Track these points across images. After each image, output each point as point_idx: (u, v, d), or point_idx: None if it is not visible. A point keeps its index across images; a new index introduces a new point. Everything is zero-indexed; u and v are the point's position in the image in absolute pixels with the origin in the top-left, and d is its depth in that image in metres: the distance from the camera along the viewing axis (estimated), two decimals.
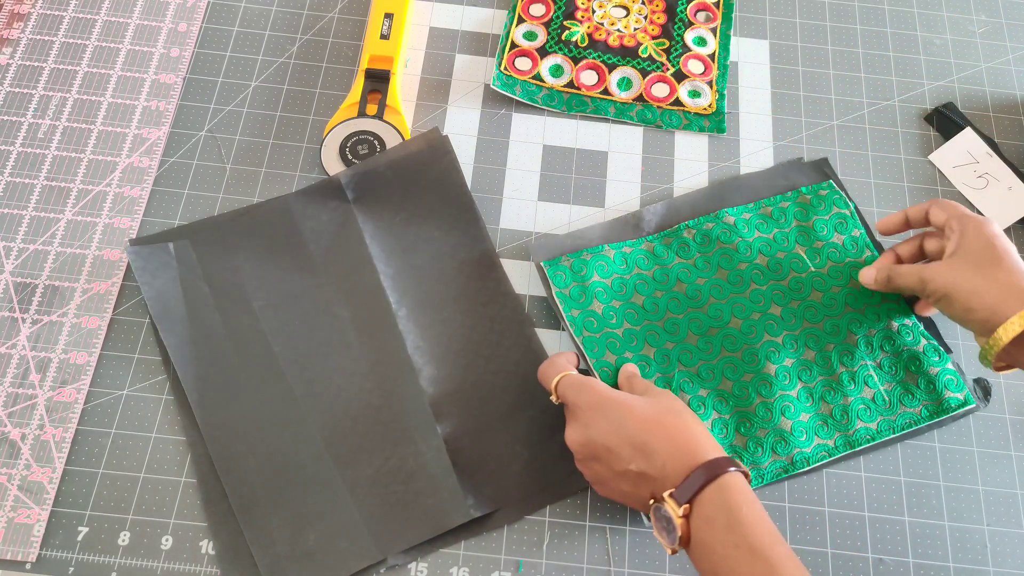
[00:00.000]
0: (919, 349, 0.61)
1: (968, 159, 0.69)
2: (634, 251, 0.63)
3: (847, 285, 0.62)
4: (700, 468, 0.47)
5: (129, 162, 0.66)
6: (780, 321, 0.61)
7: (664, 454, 0.49)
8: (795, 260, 0.63)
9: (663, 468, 0.49)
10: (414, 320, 0.61)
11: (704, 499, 0.47)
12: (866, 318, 0.61)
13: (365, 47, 0.70)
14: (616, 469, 0.51)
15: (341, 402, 0.59)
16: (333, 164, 0.66)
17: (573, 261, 0.62)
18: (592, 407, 0.52)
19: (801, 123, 0.71)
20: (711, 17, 0.75)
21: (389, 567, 0.55)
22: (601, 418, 0.52)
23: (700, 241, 0.64)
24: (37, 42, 0.71)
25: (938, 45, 0.75)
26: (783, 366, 0.60)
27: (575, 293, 0.61)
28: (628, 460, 0.50)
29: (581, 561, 0.56)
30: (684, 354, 0.60)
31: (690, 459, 0.48)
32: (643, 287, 0.62)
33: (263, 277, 0.62)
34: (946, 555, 0.57)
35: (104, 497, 0.56)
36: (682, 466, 0.48)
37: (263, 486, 0.56)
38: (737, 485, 0.47)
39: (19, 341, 0.60)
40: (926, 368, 0.60)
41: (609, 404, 0.52)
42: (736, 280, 0.62)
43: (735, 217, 0.65)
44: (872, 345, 0.61)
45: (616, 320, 0.61)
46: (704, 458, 0.48)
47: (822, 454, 0.58)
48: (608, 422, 0.51)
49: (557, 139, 0.70)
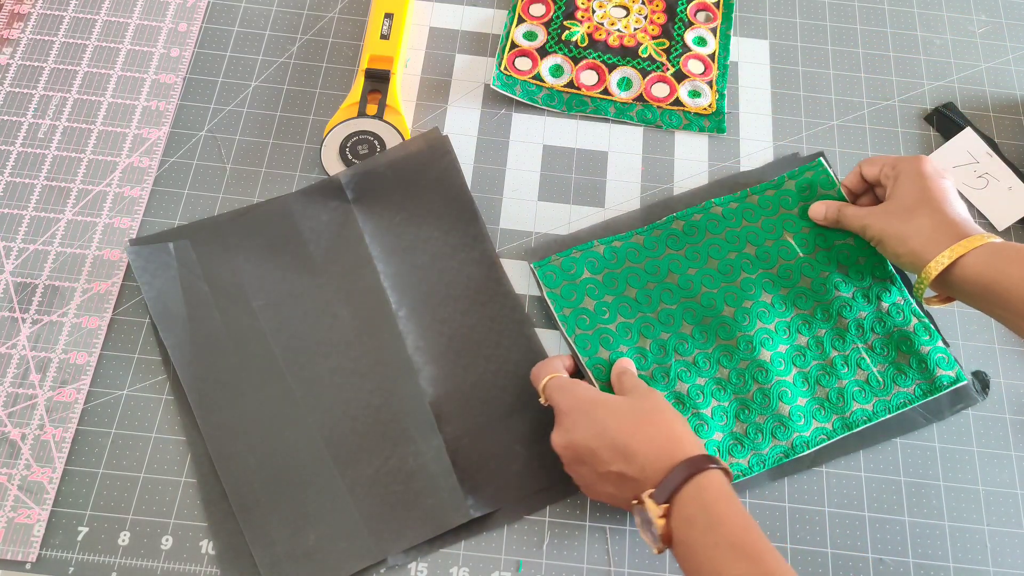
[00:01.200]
0: (909, 329, 0.61)
1: (968, 159, 0.69)
2: (624, 245, 0.64)
3: (836, 270, 0.62)
4: (678, 467, 0.47)
5: (129, 162, 0.66)
6: (772, 308, 0.62)
7: (643, 455, 0.49)
8: (783, 247, 0.63)
9: (643, 469, 0.49)
10: (414, 320, 0.61)
11: (682, 499, 0.47)
12: (856, 301, 0.62)
13: (365, 47, 0.70)
14: (599, 471, 0.51)
15: (341, 402, 0.59)
16: (333, 164, 0.66)
17: (563, 260, 0.63)
18: (574, 410, 0.52)
19: (801, 123, 0.71)
20: (711, 17, 0.75)
21: (389, 567, 0.55)
22: (583, 420, 0.52)
23: (689, 232, 0.64)
24: (37, 42, 0.71)
25: (938, 45, 0.75)
26: (777, 352, 0.60)
27: (566, 292, 0.62)
28: (609, 462, 0.50)
29: (581, 561, 0.56)
30: (680, 344, 0.61)
31: (668, 459, 0.48)
32: (635, 280, 0.62)
33: (263, 277, 0.62)
34: (946, 555, 0.57)
35: (104, 497, 0.56)
36: (661, 466, 0.48)
37: (263, 486, 0.56)
38: (715, 483, 0.47)
39: (19, 341, 0.60)
40: (917, 347, 0.60)
41: (591, 406, 0.52)
42: (726, 269, 0.63)
43: (722, 207, 0.65)
44: (863, 328, 0.61)
45: (609, 315, 0.61)
46: (683, 456, 0.48)
47: (821, 437, 0.58)
48: (589, 424, 0.51)
49: (557, 139, 0.70)
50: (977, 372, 0.62)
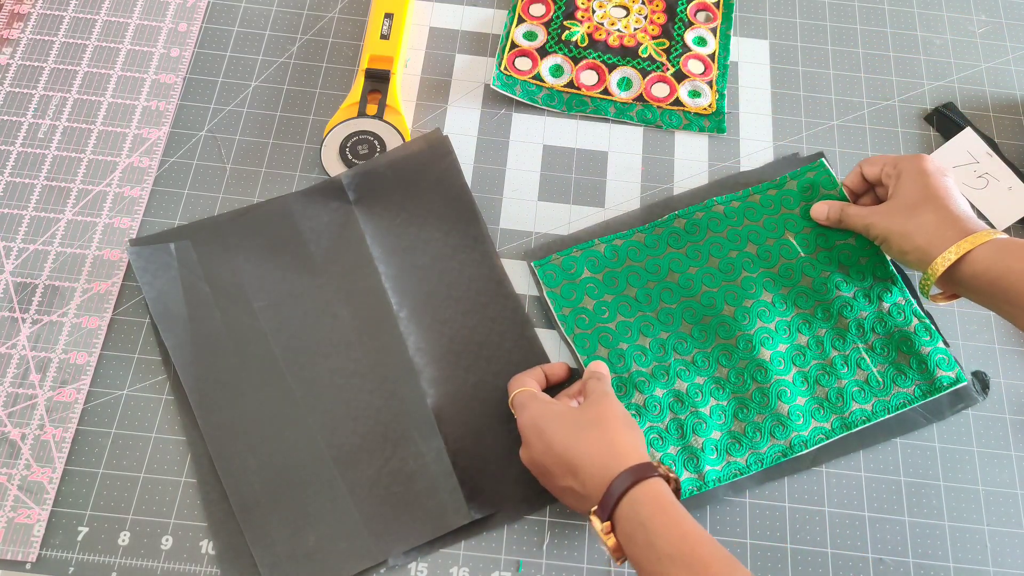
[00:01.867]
0: (910, 329, 0.61)
1: (968, 159, 0.69)
2: (625, 243, 0.64)
3: (837, 270, 0.62)
4: (615, 481, 0.47)
5: (129, 162, 0.66)
6: (772, 307, 0.62)
7: (585, 468, 0.48)
8: (784, 247, 0.63)
9: (585, 484, 0.48)
10: (415, 321, 0.61)
11: (620, 515, 0.46)
12: (857, 301, 0.62)
13: (365, 47, 0.70)
14: (558, 485, 0.51)
15: (342, 403, 0.59)
16: (333, 164, 0.66)
17: (563, 259, 0.63)
18: (528, 426, 0.52)
19: (801, 123, 0.71)
20: (711, 17, 0.75)
21: (389, 567, 0.55)
22: (536, 437, 0.51)
23: (690, 230, 0.64)
24: (37, 42, 0.71)
25: (938, 45, 0.75)
26: (777, 351, 0.60)
27: (566, 291, 0.62)
28: (560, 477, 0.50)
29: (581, 561, 0.56)
30: (679, 343, 0.61)
31: (607, 471, 0.47)
32: (635, 279, 0.63)
33: (264, 277, 0.62)
34: (946, 555, 0.57)
35: (104, 497, 0.56)
36: (601, 480, 0.47)
37: (263, 486, 0.56)
38: (651, 494, 0.46)
39: (19, 341, 0.60)
40: (917, 348, 0.60)
41: (542, 421, 0.51)
42: (727, 268, 0.63)
43: (724, 206, 0.65)
44: (863, 328, 0.61)
45: (608, 314, 0.61)
46: (620, 468, 0.47)
47: (819, 436, 0.58)
48: (541, 441, 0.51)
49: (557, 139, 0.70)
50: (977, 372, 0.62)
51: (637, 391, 0.59)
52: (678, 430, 0.58)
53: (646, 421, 0.58)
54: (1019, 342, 0.63)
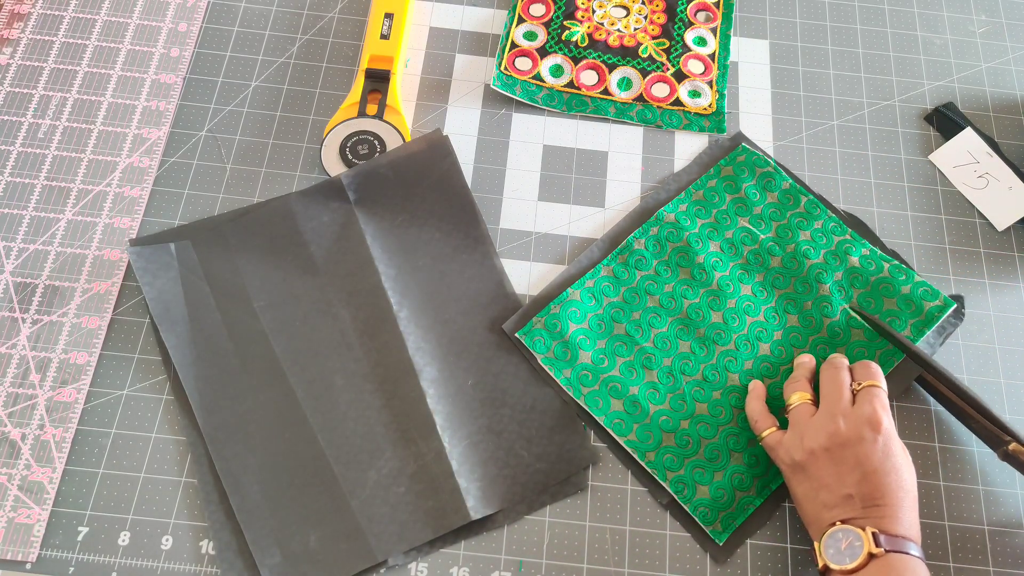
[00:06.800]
0: (885, 275, 0.62)
1: (968, 159, 0.69)
2: (596, 281, 0.62)
3: (799, 239, 0.63)
4: (897, 538, 0.49)
5: (129, 162, 0.66)
6: (755, 299, 0.62)
7: (892, 501, 0.50)
8: (744, 233, 0.64)
9: (869, 513, 0.50)
10: (415, 321, 0.61)
11: (881, 562, 0.48)
12: (828, 264, 0.62)
13: (365, 47, 0.70)
14: (842, 493, 0.51)
15: (342, 403, 0.59)
16: (333, 164, 0.66)
17: (545, 319, 0.61)
18: (898, 440, 0.53)
19: (801, 123, 0.71)
20: (711, 17, 0.75)
21: (389, 567, 0.55)
22: (901, 450, 0.52)
23: (652, 248, 0.64)
24: (37, 42, 0.71)
25: (938, 45, 0.75)
26: (775, 341, 0.61)
27: (559, 352, 0.60)
28: (854, 490, 0.51)
29: (581, 561, 0.56)
30: (684, 364, 0.60)
31: (894, 524, 0.49)
32: (619, 315, 0.61)
33: (264, 277, 0.62)
34: (946, 555, 0.57)
35: (104, 497, 0.56)
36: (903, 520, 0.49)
37: (263, 486, 0.56)
38: (906, 569, 0.47)
39: (19, 341, 0.60)
40: (898, 289, 0.61)
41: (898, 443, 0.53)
42: (700, 275, 0.63)
43: (674, 213, 0.65)
44: (843, 288, 0.62)
45: (608, 362, 0.60)
46: (907, 532, 0.49)
47: None
48: (896, 457, 0.52)
49: (557, 139, 0.70)
50: (956, 296, 0.63)
51: (664, 433, 0.58)
52: (717, 457, 0.57)
53: (684, 461, 0.57)
54: (1020, 342, 0.63)
